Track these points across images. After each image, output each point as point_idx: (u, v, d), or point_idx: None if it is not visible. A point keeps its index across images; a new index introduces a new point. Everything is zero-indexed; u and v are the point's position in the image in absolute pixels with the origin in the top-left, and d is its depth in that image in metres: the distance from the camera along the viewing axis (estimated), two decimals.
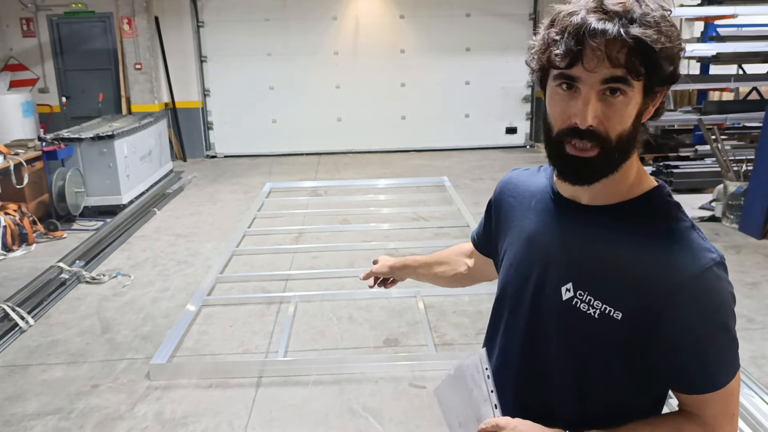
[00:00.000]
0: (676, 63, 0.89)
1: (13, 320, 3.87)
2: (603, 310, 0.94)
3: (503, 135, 10.01)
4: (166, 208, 6.78)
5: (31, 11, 8.91)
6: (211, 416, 2.96)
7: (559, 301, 0.99)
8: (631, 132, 0.91)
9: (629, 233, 0.95)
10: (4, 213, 5.40)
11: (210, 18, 9.28)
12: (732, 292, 0.94)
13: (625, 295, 0.93)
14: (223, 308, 4.15)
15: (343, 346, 3.63)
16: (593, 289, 0.96)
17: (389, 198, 6.98)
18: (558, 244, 1.02)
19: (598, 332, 0.95)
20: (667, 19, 0.88)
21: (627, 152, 0.93)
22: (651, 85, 0.89)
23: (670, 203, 0.99)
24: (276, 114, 9.61)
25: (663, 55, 0.86)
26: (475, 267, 1.46)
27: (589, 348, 0.98)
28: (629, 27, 0.84)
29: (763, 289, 4.28)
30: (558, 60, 0.88)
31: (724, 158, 5.82)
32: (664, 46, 0.85)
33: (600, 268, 0.96)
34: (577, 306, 0.97)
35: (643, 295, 0.91)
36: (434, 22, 9.41)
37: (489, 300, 4.14)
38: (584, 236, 0.99)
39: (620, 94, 0.87)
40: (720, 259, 0.93)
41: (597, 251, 0.97)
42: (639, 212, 0.97)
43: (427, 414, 2.94)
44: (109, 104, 9.00)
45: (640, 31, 0.84)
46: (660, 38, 0.85)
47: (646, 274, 0.92)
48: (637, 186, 0.98)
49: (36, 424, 2.93)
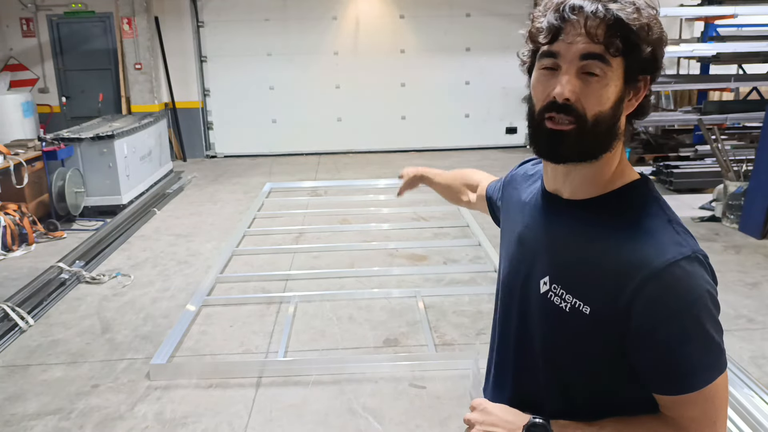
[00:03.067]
0: (656, 50, 0.90)
1: (13, 320, 3.87)
2: (573, 303, 0.94)
3: (503, 135, 10.01)
4: (166, 208, 6.78)
5: (31, 11, 8.91)
6: (211, 416, 2.96)
7: (538, 294, 1.01)
8: (609, 116, 0.91)
9: (603, 227, 0.95)
10: (4, 213, 5.40)
11: (210, 18, 9.28)
12: (710, 290, 0.89)
13: (593, 290, 0.92)
14: (223, 308, 4.15)
15: (343, 346, 3.63)
16: (566, 282, 0.96)
17: (389, 198, 6.98)
18: (542, 239, 1.03)
19: (570, 326, 0.95)
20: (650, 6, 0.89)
21: (605, 138, 0.93)
22: (631, 69, 0.90)
23: (648, 197, 0.97)
24: (276, 114, 9.61)
25: (642, 35, 0.87)
26: (476, 202, 1.55)
27: (563, 341, 0.98)
28: (608, 4, 0.87)
29: (763, 289, 4.27)
30: (541, 36, 0.91)
31: (724, 158, 5.82)
32: (641, 24, 0.87)
33: (574, 263, 0.96)
34: (551, 299, 0.98)
35: (610, 290, 0.90)
36: (434, 22, 9.42)
37: (489, 300, 4.15)
38: (563, 231, 1.00)
39: (599, 73, 0.89)
40: (692, 253, 0.89)
41: (572, 245, 0.98)
42: (615, 206, 0.96)
43: (427, 414, 2.94)
44: (109, 104, 9.00)
45: (617, 7, 0.86)
46: (639, 17, 0.87)
47: (614, 269, 0.90)
48: (617, 180, 0.97)
49: (36, 424, 2.92)
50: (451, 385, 3.16)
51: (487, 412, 1.02)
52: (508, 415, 1.01)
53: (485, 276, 4.58)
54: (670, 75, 8.98)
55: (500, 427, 0.99)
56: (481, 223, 5.72)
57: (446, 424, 2.87)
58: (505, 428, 0.99)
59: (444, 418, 2.91)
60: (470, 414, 1.04)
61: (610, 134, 0.93)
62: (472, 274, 4.64)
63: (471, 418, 1.03)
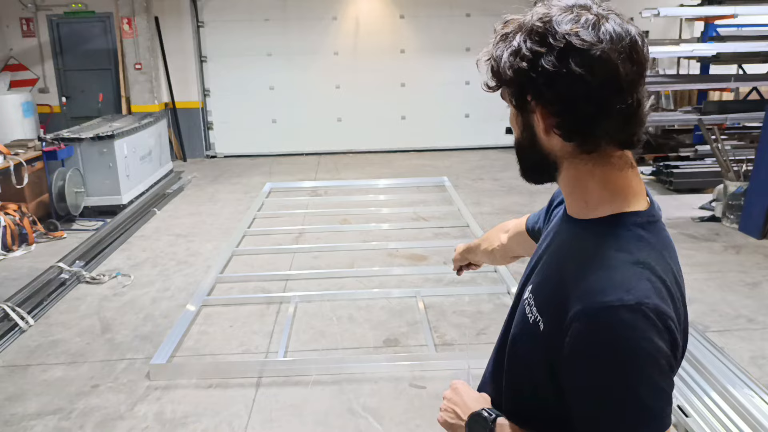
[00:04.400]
0: (501, 72, 0.89)
1: (13, 320, 3.87)
2: (536, 317, 0.94)
3: (503, 135, 9.95)
4: (166, 208, 6.78)
5: (31, 11, 8.91)
6: (211, 416, 2.96)
7: (522, 299, 1.02)
8: (523, 142, 0.95)
9: (576, 251, 0.92)
10: (4, 213, 5.40)
11: (210, 18, 9.28)
12: (647, 349, 0.79)
13: (549, 309, 0.92)
14: (223, 308, 4.15)
15: (343, 346, 3.63)
16: (537, 295, 0.97)
17: (389, 198, 6.98)
18: (545, 247, 1.05)
19: (529, 337, 0.95)
20: (508, 41, 0.89)
21: (536, 163, 0.95)
22: (513, 97, 0.92)
23: (628, 232, 0.89)
24: (276, 114, 9.62)
25: (494, 64, 0.90)
26: (508, 244, 1.50)
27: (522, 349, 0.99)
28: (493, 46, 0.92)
29: (763, 289, 4.28)
30: None
31: (724, 158, 5.82)
32: (490, 57, 0.91)
33: (546, 278, 0.97)
34: (524, 307, 0.99)
35: (558, 314, 0.87)
36: (434, 22, 9.42)
37: (489, 300, 4.16)
38: (555, 244, 1.01)
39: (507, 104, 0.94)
40: (635, 303, 0.80)
41: (552, 261, 0.98)
42: (593, 232, 0.92)
43: (427, 414, 2.94)
44: (108, 104, 9.01)
45: (488, 49, 0.92)
46: (493, 50, 0.90)
47: (565, 295, 0.87)
48: (607, 206, 0.91)
49: (36, 424, 2.93)
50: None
51: (457, 393, 1.10)
52: (471, 400, 1.07)
53: (485, 276, 4.58)
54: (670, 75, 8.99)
55: (459, 407, 1.07)
56: (481, 224, 5.72)
57: None
58: (461, 410, 1.07)
59: None
60: (446, 390, 1.13)
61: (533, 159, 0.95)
62: (472, 274, 4.63)
63: (444, 394, 1.13)
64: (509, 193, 7.10)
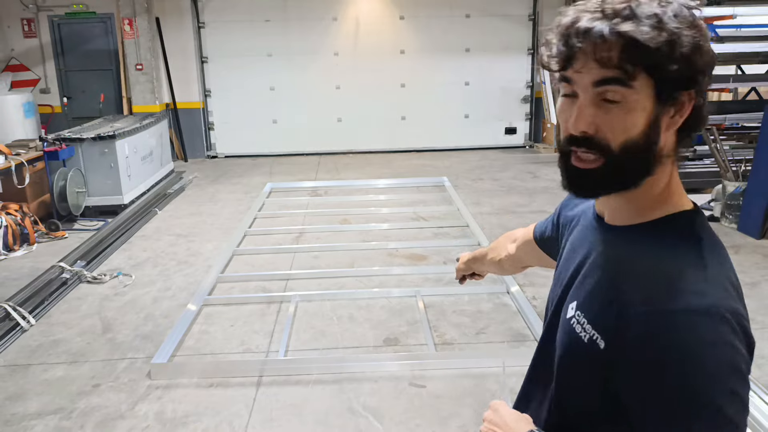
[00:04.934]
0: (693, 63, 0.78)
1: (15, 320, 3.88)
2: (591, 335, 0.86)
3: (503, 135, 10.02)
4: (167, 208, 6.79)
5: (32, 12, 8.93)
6: (212, 415, 2.97)
7: (564, 318, 0.95)
8: (642, 142, 0.81)
9: (634, 261, 0.85)
10: (6, 213, 5.41)
11: (211, 18, 9.30)
12: (731, 356, 0.75)
13: (609, 324, 0.84)
14: (224, 308, 4.17)
15: (344, 346, 3.65)
16: (588, 312, 0.89)
17: (389, 198, 6.99)
18: (582, 261, 0.97)
19: (585, 358, 0.88)
20: (680, 15, 0.78)
21: (642, 166, 0.83)
22: (663, 89, 0.79)
23: (690, 234, 0.84)
24: (276, 114, 9.63)
25: (663, 53, 0.76)
26: (516, 254, 1.45)
27: (576, 372, 0.92)
28: (621, 24, 0.77)
29: (762, 289, 4.29)
30: (551, 63, 0.84)
31: (722, 158, 5.83)
32: (664, 42, 0.76)
33: (597, 291, 0.89)
34: (574, 327, 0.91)
35: (623, 325, 0.81)
36: (434, 23, 9.43)
37: (489, 300, 4.17)
38: (598, 257, 0.93)
39: (619, 98, 0.79)
40: (711, 307, 0.75)
41: (602, 275, 0.90)
42: (650, 238, 0.85)
43: (427, 413, 2.96)
44: (110, 105, 9.03)
45: (631, 28, 0.76)
46: (659, 35, 0.76)
47: (631, 303, 0.81)
48: (661, 208, 0.87)
49: (37, 424, 2.94)
50: (451, 384, 3.17)
51: (498, 414, 1.01)
52: (513, 421, 0.99)
53: (485, 276, 4.58)
54: None
55: (501, 429, 0.99)
56: (481, 224, 5.73)
57: (446, 424, 2.88)
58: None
59: (444, 418, 2.92)
60: (486, 412, 1.04)
61: (646, 160, 0.83)
62: None
63: (484, 416, 1.04)
64: (509, 193, 7.12)
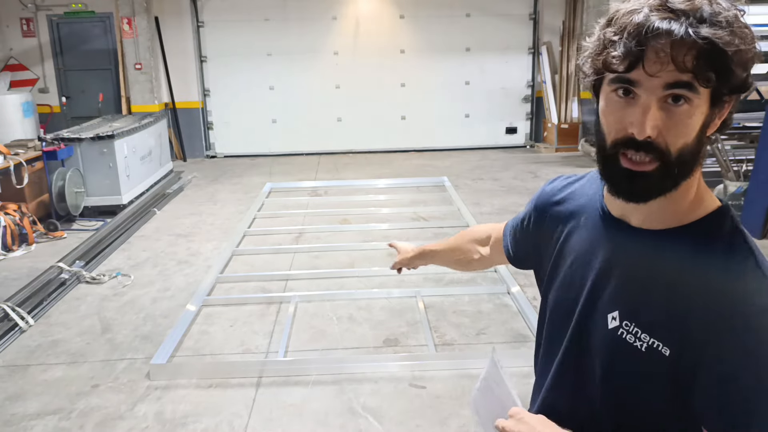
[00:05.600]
0: (749, 69, 0.79)
1: (13, 320, 3.87)
2: (651, 343, 0.85)
3: (503, 135, 10.01)
4: (166, 208, 6.78)
5: (31, 11, 8.91)
6: (212, 416, 2.96)
7: (605, 329, 0.92)
8: (694, 146, 0.81)
9: (680, 261, 0.85)
10: (4, 213, 5.40)
11: (210, 18, 9.29)
12: None
13: (673, 329, 0.83)
14: (224, 308, 4.15)
15: (343, 346, 3.63)
16: (640, 320, 0.87)
17: (389, 198, 6.98)
18: (606, 267, 0.94)
19: (645, 366, 0.87)
20: (740, 19, 0.79)
21: (688, 169, 0.83)
22: (720, 93, 0.79)
23: (733, 230, 0.86)
24: (276, 114, 9.62)
25: (736, 59, 0.76)
26: (490, 256, 1.43)
27: (634, 381, 0.90)
28: (698, 27, 0.75)
29: None
30: (616, 62, 0.80)
31: (724, 158, 5.82)
32: (738, 49, 0.76)
33: (648, 298, 0.87)
34: (623, 337, 0.89)
35: (690, 329, 0.81)
36: (434, 22, 9.42)
37: (489, 300, 4.16)
38: (633, 261, 0.91)
39: (684, 102, 0.78)
40: None
41: (645, 279, 0.88)
42: (696, 240, 0.85)
43: (427, 414, 2.95)
44: (109, 104, 9.01)
45: (710, 32, 0.75)
46: (733, 40, 0.76)
47: (694, 306, 0.81)
48: (696, 209, 0.87)
49: (36, 424, 2.93)
50: (451, 384, 3.16)
51: (523, 422, 0.94)
52: (545, 427, 0.93)
53: (485, 276, 4.58)
54: None
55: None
56: (481, 223, 5.72)
57: (446, 424, 2.87)
58: None
59: (444, 418, 2.91)
60: (504, 421, 0.95)
61: (694, 163, 0.84)
62: (472, 274, 4.64)
63: (505, 426, 0.94)
64: (509, 193, 7.11)
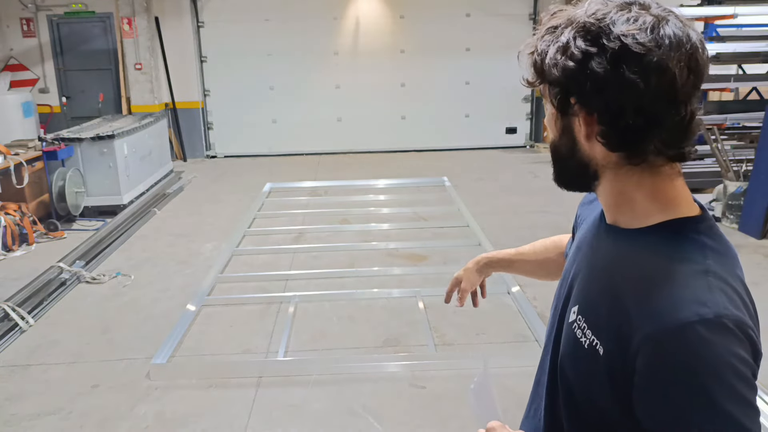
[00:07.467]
0: (545, 69, 0.82)
1: (14, 320, 3.87)
2: (591, 341, 0.86)
3: (503, 135, 10.01)
4: (166, 209, 6.78)
5: (32, 11, 8.91)
6: (211, 416, 2.96)
7: (566, 322, 0.95)
8: (560, 145, 0.88)
9: (632, 267, 0.85)
10: (5, 213, 5.40)
11: (210, 18, 9.28)
12: (733, 363, 0.73)
13: (610, 332, 0.83)
14: (223, 308, 4.15)
15: (343, 346, 3.63)
16: (589, 317, 0.88)
17: (389, 198, 6.98)
18: (584, 263, 0.96)
19: (585, 362, 0.88)
20: (572, 24, 0.80)
21: (570, 165, 0.88)
22: (552, 95, 0.85)
23: (690, 239, 0.83)
24: (276, 114, 9.62)
25: (538, 59, 0.83)
26: None
27: (579, 377, 0.91)
28: (538, 38, 0.85)
29: (763, 289, 4.27)
30: None
31: (723, 158, 5.82)
32: (534, 59, 0.84)
33: (598, 297, 0.88)
34: (575, 331, 0.91)
35: (623, 336, 0.80)
36: (434, 22, 9.41)
37: (489, 300, 4.13)
38: (600, 259, 0.92)
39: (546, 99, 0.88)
40: (713, 317, 0.74)
41: (603, 278, 0.90)
42: (651, 243, 0.84)
43: (427, 414, 2.95)
44: (109, 104, 9.01)
45: (533, 40, 0.85)
46: (538, 43, 0.83)
47: (629, 314, 0.80)
48: (660, 213, 0.85)
49: (36, 424, 2.93)
50: (452, 385, 3.16)
51: None
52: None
53: None
54: None
55: None
56: (481, 224, 5.72)
57: (446, 424, 2.87)
58: None
59: (444, 418, 2.91)
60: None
61: (572, 162, 0.88)
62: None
63: None
64: (509, 192, 7.10)
